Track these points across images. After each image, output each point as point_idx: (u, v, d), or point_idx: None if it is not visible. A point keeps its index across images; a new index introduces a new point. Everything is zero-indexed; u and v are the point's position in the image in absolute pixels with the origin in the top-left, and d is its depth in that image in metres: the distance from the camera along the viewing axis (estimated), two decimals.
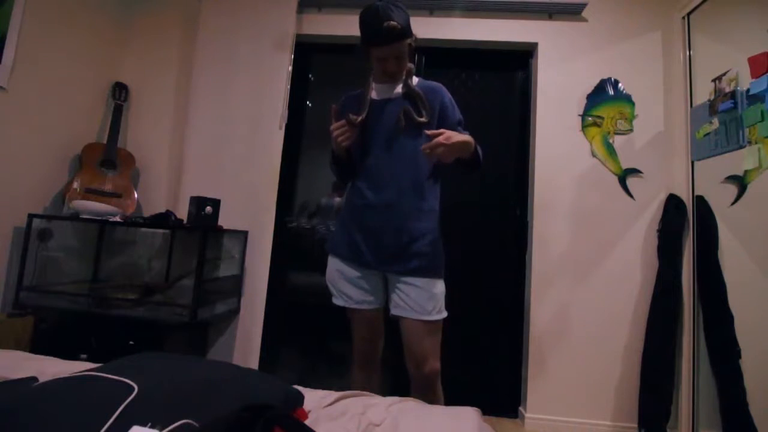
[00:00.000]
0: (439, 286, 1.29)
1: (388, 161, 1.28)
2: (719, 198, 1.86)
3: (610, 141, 2.11)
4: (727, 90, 1.68)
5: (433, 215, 1.32)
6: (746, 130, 1.56)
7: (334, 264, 1.36)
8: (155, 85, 2.38)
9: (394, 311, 1.30)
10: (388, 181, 1.27)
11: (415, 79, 1.34)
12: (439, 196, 1.35)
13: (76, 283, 2.04)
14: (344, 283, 1.33)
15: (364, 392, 1.01)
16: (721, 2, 1.90)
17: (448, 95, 1.35)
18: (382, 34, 1.16)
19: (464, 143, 1.18)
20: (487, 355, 2.17)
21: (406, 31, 1.19)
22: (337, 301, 1.36)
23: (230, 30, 2.26)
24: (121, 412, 0.60)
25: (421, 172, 1.29)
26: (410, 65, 1.32)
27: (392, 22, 1.14)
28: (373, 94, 1.34)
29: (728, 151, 1.67)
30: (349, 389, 1.03)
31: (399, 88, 1.32)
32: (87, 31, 2.16)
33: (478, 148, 1.29)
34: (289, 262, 2.34)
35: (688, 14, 2.03)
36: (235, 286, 2.09)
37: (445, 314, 1.29)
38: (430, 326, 1.26)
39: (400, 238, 1.26)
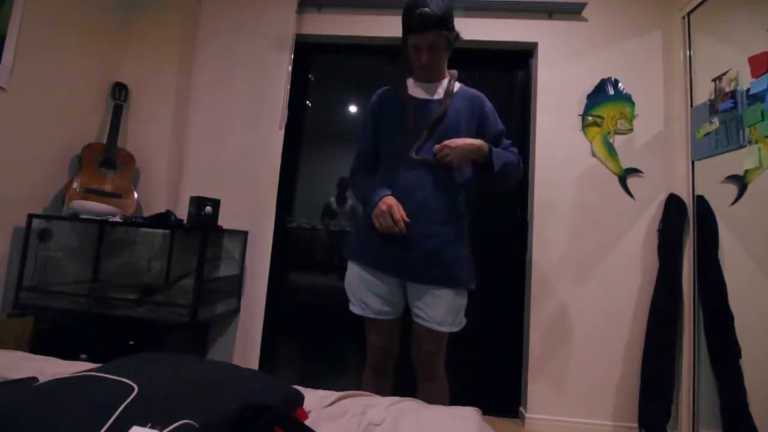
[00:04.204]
0: (463, 298, 1.27)
1: (420, 163, 1.25)
2: (719, 198, 1.86)
3: (610, 141, 2.11)
4: (727, 90, 1.68)
5: (462, 221, 1.29)
6: (746, 130, 1.56)
7: (353, 270, 1.32)
8: (155, 85, 2.38)
9: (412, 315, 1.28)
10: (418, 183, 1.24)
11: (456, 85, 1.33)
12: (465, 201, 1.32)
13: (76, 283, 2.04)
14: (363, 290, 1.29)
15: (364, 392, 1.00)
16: (721, 2, 1.90)
17: (489, 104, 1.33)
18: (416, 20, 1.17)
19: (472, 147, 1.20)
20: (487, 355, 2.17)
21: (440, 22, 1.17)
22: (355, 309, 1.32)
23: (230, 30, 2.26)
24: (121, 412, 0.60)
25: (452, 176, 1.26)
26: (454, 71, 1.33)
27: (426, 9, 1.15)
28: (413, 92, 1.32)
29: (728, 151, 1.67)
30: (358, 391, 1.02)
31: (441, 91, 1.30)
32: (87, 31, 2.16)
33: (500, 156, 1.25)
34: (289, 262, 2.34)
35: (689, 14, 2.03)
36: (235, 286, 2.09)
37: (463, 324, 1.28)
38: (444, 335, 1.26)
39: (425, 245, 1.22)
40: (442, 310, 1.22)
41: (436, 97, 1.30)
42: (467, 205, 1.33)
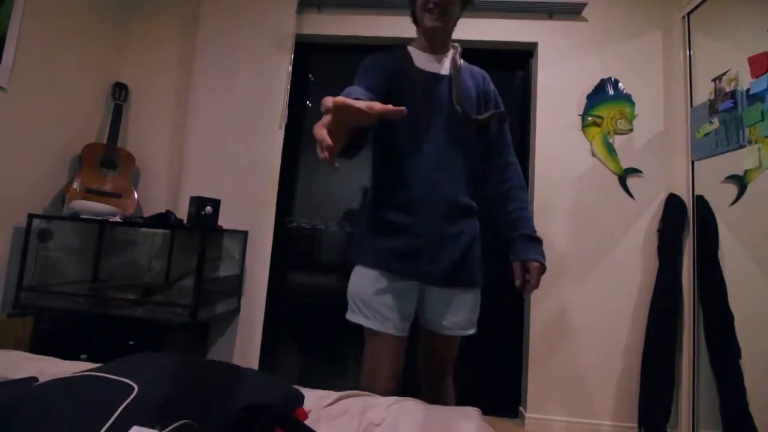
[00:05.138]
0: (480, 297, 1.19)
1: (437, 150, 1.08)
2: (719, 198, 1.86)
3: (610, 141, 2.11)
4: (727, 90, 1.68)
5: (477, 216, 1.18)
6: (746, 130, 1.56)
7: (360, 274, 1.12)
8: (155, 85, 2.38)
9: (429, 326, 1.14)
10: (444, 177, 1.09)
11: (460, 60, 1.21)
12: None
13: (76, 283, 2.04)
14: (381, 302, 1.07)
15: (364, 392, 1.00)
16: (721, 2, 1.90)
17: (491, 83, 1.24)
18: None
19: (543, 266, 1.14)
20: (487, 355, 2.17)
21: None
22: (357, 318, 1.10)
23: (230, 30, 2.26)
24: (121, 412, 0.60)
25: (471, 165, 1.14)
26: (458, 44, 1.21)
27: None
28: (420, 64, 1.13)
29: (728, 151, 1.67)
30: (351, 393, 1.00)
31: (447, 64, 1.15)
32: (87, 31, 2.16)
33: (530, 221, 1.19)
34: (289, 262, 2.34)
35: (688, 14, 2.03)
36: (235, 286, 2.09)
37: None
38: (460, 340, 1.18)
39: (458, 245, 1.09)
40: (467, 313, 1.13)
41: (443, 71, 1.14)
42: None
